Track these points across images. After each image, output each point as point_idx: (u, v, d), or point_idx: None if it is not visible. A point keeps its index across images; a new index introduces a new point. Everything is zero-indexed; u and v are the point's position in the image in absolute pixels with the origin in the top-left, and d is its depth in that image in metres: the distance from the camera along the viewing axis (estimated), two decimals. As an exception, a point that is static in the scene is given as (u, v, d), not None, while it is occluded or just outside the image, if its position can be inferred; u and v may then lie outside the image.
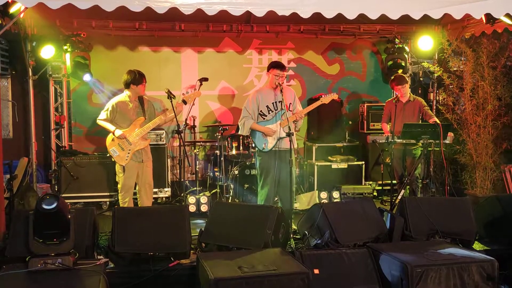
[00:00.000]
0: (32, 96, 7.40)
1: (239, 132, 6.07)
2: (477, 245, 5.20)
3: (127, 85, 5.90)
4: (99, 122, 5.91)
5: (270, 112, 5.80)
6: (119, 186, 5.94)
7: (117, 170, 5.93)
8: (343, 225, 4.86)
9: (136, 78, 5.86)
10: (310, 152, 7.96)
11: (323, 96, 5.88)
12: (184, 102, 5.87)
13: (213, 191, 7.23)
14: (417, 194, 6.56)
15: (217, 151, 7.23)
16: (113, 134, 5.77)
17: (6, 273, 3.84)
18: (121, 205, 5.90)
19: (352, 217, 5.05)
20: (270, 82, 5.82)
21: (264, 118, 5.81)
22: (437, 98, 8.21)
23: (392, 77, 7.00)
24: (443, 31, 7.62)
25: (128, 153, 5.77)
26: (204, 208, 6.78)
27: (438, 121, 6.34)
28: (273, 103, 5.78)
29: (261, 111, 5.81)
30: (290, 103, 5.81)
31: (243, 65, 8.53)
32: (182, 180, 6.90)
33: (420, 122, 6.61)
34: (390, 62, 8.44)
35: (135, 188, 6.01)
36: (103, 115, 5.88)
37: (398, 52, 8.36)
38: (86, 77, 7.58)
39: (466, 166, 7.10)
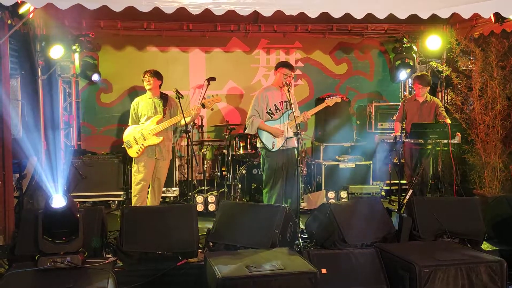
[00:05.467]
0: (41, 96, 7.45)
1: (247, 131, 6.10)
2: (485, 245, 5.18)
3: None
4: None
5: (278, 111, 5.82)
6: (133, 179, 6.05)
7: (132, 164, 6.09)
8: (350, 225, 4.86)
9: (141, 78, 6.07)
10: (318, 152, 7.94)
11: (327, 99, 5.88)
12: (203, 106, 5.93)
13: (221, 190, 7.23)
14: (425, 194, 6.55)
15: (225, 151, 7.24)
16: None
17: (15, 272, 3.87)
18: (132, 198, 6.00)
19: (360, 217, 5.04)
20: (278, 81, 5.84)
21: (272, 117, 5.83)
22: (446, 98, 8.18)
23: (419, 74, 7.04)
24: (451, 30, 7.59)
25: (141, 147, 5.86)
26: (211, 207, 6.79)
27: (449, 122, 6.35)
28: (280, 102, 5.81)
29: (269, 109, 5.83)
30: (292, 103, 5.83)
31: (251, 65, 8.53)
32: (190, 179, 6.93)
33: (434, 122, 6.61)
34: (398, 62, 8.42)
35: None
36: (129, 122, 6.11)
37: (406, 51, 8.34)
38: (95, 77, 7.62)
39: (475, 166, 7.07)
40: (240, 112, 8.46)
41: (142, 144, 5.87)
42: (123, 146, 6.05)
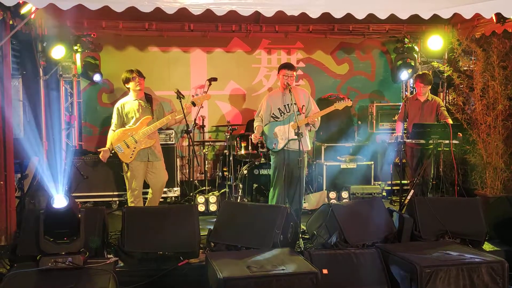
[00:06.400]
0: (43, 96, 7.45)
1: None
2: (487, 246, 5.18)
3: (125, 87, 5.99)
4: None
5: (282, 114, 5.87)
6: (127, 186, 5.96)
7: (123, 169, 5.95)
8: (352, 225, 4.85)
9: (125, 77, 5.87)
10: (319, 152, 7.94)
11: (336, 103, 5.84)
12: (193, 103, 5.88)
13: (222, 190, 7.24)
14: (426, 195, 6.55)
15: (226, 151, 7.24)
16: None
17: (17, 272, 3.88)
18: (129, 204, 5.91)
19: (361, 217, 5.04)
20: (281, 83, 5.88)
21: (276, 120, 5.87)
22: (447, 98, 8.17)
23: (421, 73, 7.04)
24: (453, 30, 7.59)
25: (133, 151, 5.76)
26: (213, 207, 6.79)
27: (451, 122, 6.34)
28: (284, 106, 5.84)
29: (273, 113, 5.92)
30: (303, 105, 5.85)
31: (252, 65, 8.54)
32: (191, 179, 6.92)
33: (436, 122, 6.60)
34: (400, 62, 8.42)
35: (145, 188, 6.03)
36: (112, 126, 5.92)
37: (408, 51, 8.34)
38: (96, 77, 7.63)
39: (476, 166, 7.05)
40: (242, 112, 8.47)
41: (135, 148, 5.76)
42: (113, 151, 5.88)
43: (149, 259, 4.59)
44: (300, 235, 5.19)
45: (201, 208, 6.73)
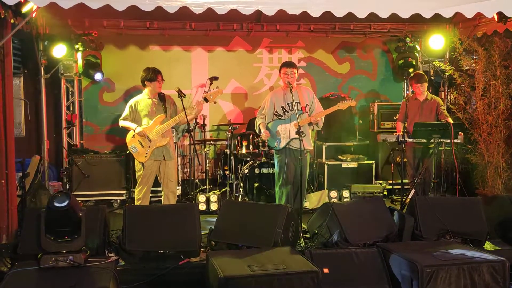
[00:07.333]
0: (44, 95, 7.46)
1: (258, 133, 6.15)
2: (488, 245, 5.17)
3: (142, 83, 5.96)
4: (121, 123, 5.91)
5: (286, 113, 5.87)
6: (138, 182, 5.94)
7: (136, 167, 5.95)
8: (353, 225, 4.85)
9: (150, 75, 5.87)
10: (320, 151, 7.94)
11: (340, 102, 5.83)
12: (206, 100, 5.86)
13: (223, 189, 7.25)
14: (427, 194, 6.54)
15: (227, 150, 7.24)
16: (134, 131, 5.77)
17: (18, 270, 3.88)
18: (135, 201, 5.92)
19: (362, 216, 5.04)
20: (283, 82, 5.89)
21: (279, 118, 5.87)
22: (449, 97, 8.16)
23: (412, 75, 7.05)
24: (454, 29, 7.57)
25: (148, 150, 5.76)
26: (214, 206, 6.79)
27: (451, 121, 6.33)
28: (288, 104, 5.83)
29: (276, 111, 5.91)
30: (307, 105, 5.84)
31: (253, 64, 8.53)
32: (192, 178, 6.92)
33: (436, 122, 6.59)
34: (401, 61, 8.39)
35: (154, 186, 6.03)
36: (124, 116, 5.90)
37: (409, 51, 8.32)
38: (97, 76, 7.63)
39: (477, 166, 7.06)
40: (243, 111, 8.46)
41: (149, 147, 5.75)
42: (128, 152, 5.91)
43: (150, 257, 4.59)
44: (301, 234, 5.19)
45: (202, 207, 6.73)
